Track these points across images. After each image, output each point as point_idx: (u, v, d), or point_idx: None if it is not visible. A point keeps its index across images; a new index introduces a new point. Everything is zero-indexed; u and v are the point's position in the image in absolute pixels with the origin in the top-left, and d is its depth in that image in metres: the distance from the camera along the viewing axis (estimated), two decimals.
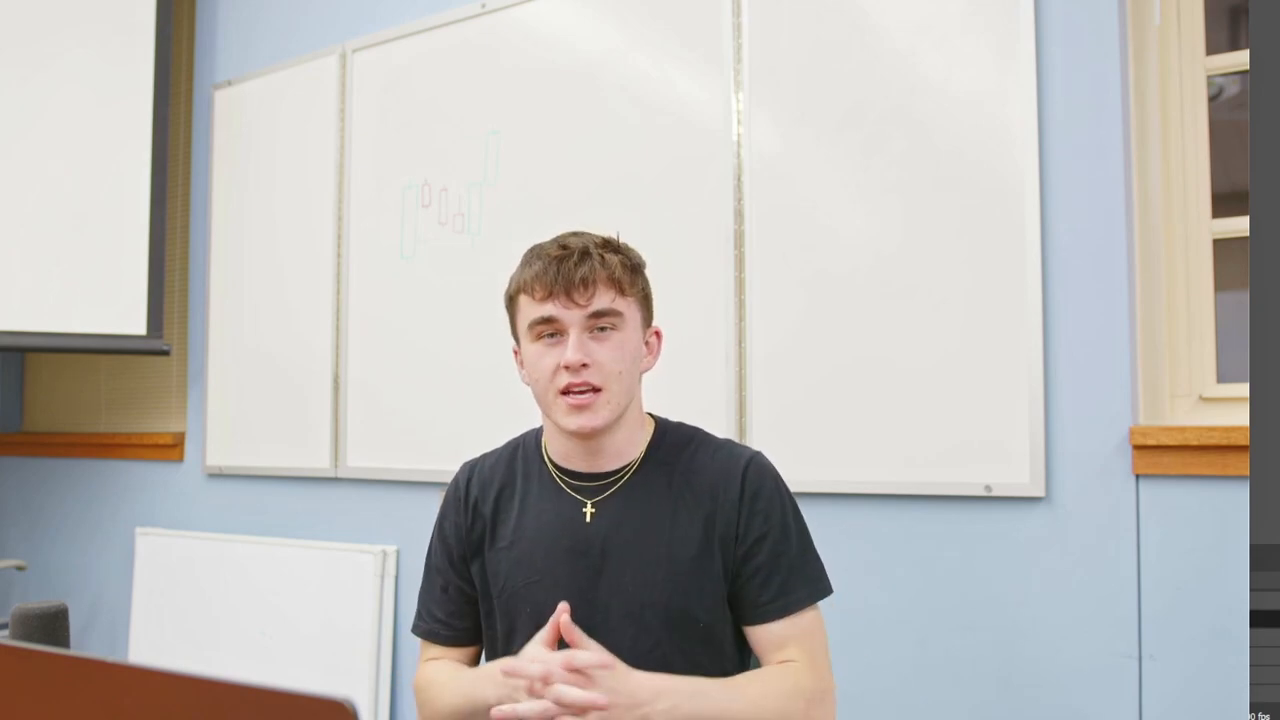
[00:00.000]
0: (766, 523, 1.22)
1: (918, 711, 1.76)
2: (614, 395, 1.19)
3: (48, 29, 2.63)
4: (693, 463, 1.25)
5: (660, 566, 1.20)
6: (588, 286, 1.17)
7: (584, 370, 1.17)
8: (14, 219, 2.59)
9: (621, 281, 1.20)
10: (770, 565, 1.21)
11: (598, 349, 1.18)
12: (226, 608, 2.59)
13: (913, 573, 1.77)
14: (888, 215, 1.81)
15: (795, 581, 1.22)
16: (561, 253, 1.19)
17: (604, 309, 1.19)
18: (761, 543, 1.21)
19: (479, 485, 1.31)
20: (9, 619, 1.35)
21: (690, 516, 1.22)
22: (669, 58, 2.06)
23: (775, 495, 1.24)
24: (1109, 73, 1.66)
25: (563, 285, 1.17)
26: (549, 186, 2.19)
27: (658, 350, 1.29)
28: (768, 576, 1.21)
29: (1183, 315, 1.68)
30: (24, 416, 3.38)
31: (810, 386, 1.86)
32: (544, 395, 1.21)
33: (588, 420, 1.18)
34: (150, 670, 0.64)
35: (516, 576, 1.25)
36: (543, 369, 1.20)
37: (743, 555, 1.21)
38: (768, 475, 1.25)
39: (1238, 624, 1.51)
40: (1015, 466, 1.68)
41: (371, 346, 2.46)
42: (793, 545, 1.23)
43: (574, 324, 1.18)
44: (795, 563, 1.22)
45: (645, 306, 1.26)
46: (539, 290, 1.18)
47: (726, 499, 1.22)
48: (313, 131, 2.60)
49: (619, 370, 1.19)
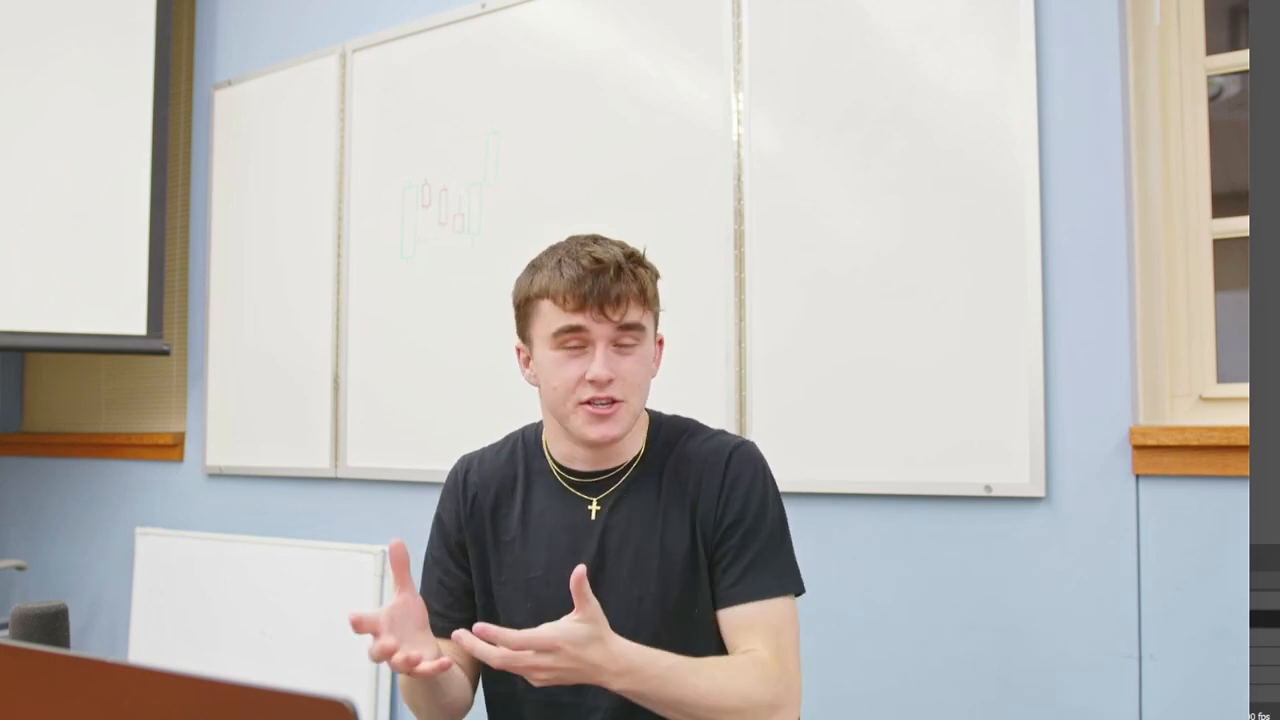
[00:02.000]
0: (744, 509, 1.22)
1: (918, 711, 1.76)
2: (633, 406, 1.22)
3: (48, 29, 2.63)
4: (683, 453, 1.27)
5: (655, 560, 1.22)
6: (621, 303, 1.18)
7: (609, 385, 1.19)
8: (14, 219, 2.59)
9: (647, 296, 1.22)
10: (739, 548, 1.21)
11: (622, 363, 1.20)
12: (226, 608, 2.59)
13: (913, 573, 1.77)
14: (888, 215, 1.81)
15: (764, 570, 1.21)
16: (597, 266, 1.19)
17: (632, 323, 1.20)
18: (736, 527, 1.22)
19: (478, 479, 1.32)
20: (9, 619, 1.35)
21: (680, 508, 1.23)
22: (669, 58, 2.06)
23: (756, 482, 1.24)
24: (1109, 73, 1.66)
25: (597, 299, 1.17)
26: (549, 186, 2.19)
27: (660, 356, 1.31)
28: (735, 558, 1.21)
29: (1183, 315, 1.68)
30: (24, 416, 3.38)
31: (810, 386, 1.86)
32: (561, 404, 1.22)
33: (609, 430, 1.20)
34: (150, 670, 0.64)
35: (518, 573, 1.25)
36: (564, 378, 1.20)
37: (719, 539, 1.22)
38: (751, 462, 1.25)
39: (1238, 624, 1.51)
40: (1015, 466, 1.68)
41: (371, 346, 2.46)
42: (765, 533, 1.22)
43: (602, 338, 1.19)
44: (766, 551, 1.22)
45: (658, 314, 1.28)
46: (571, 301, 1.18)
47: (709, 485, 1.23)
48: (313, 131, 2.60)
49: (639, 383, 1.22)
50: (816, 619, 1.27)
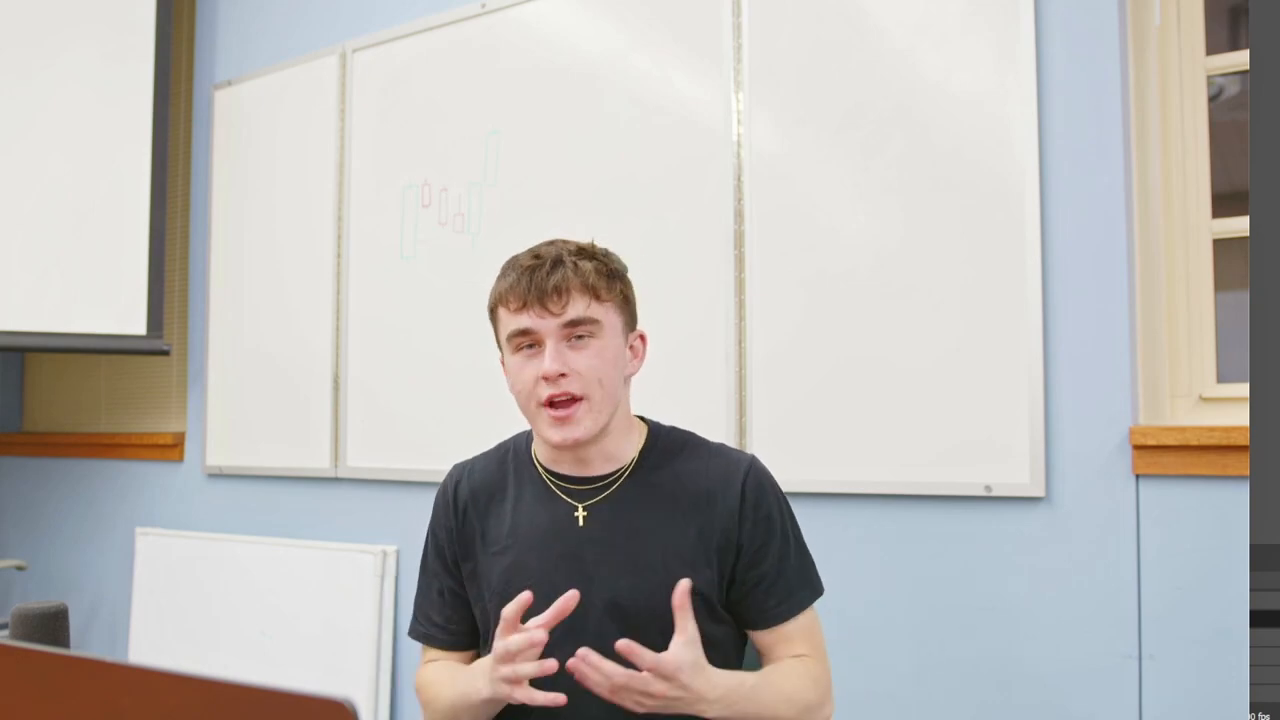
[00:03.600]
0: (770, 532, 1.23)
1: (918, 711, 1.76)
2: (596, 404, 1.19)
3: (48, 28, 2.63)
4: (686, 468, 1.25)
5: (653, 572, 1.20)
6: (561, 295, 1.16)
7: (563, 380, 1.17)
8: (14, 219, 2.59)
9: (597, 287, 1.19)
10: (775, 573, 1.22)
11: (575, 357, 1.18)
12: (226, 608, 2.59)
13: (913, 573, 1.77)
14: (888, 215, 1.81)
15: (798, 585, 1.24)
16: (534, 262, 1.18)
17: (579, 317, 1.18)
18: (764, 551, 1.22)
19: (469, 488, 1.31)
20: (9, 619, 1.35)
21: (684, 523, 1.22)
22: (669, 58, 2.06)
23: (775, 503, 1.25)
24: (1109, 73, 1.66)
25: (536, 295, 1.16)
26: (549, 186, 2.19)
27: (643, 354, 1.29)
28: (773, 584, 1.22)
29: (1183, 315, 1.68)
30: (24, 416, 3.38)
31: (810, 386, 1.86)
32: (527, 407, 1.21)
33: (569, 432, 1.18)
34: (150, 670, 0.64)
35: (508, 580, 1.24)
36: (524, 380, 1.20)
37: (746, 564, 1.22)
38: (766, 482, 1.26)
39: (1238, 624, 1.51)
40: (1015, 466, 1.68)
41: (371, 346, 2.46)
42: (793, 551, 1.25)
43: (550, 334, 1.17)
44: (796, 568, 1.25)
45: (626, 310, 1.25)
46: (513, 301, 1.18)
47: (725, 507, 1.22)
48: (313, 131, 2.60)
49: (598, 378, 1.19)
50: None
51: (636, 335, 1.28)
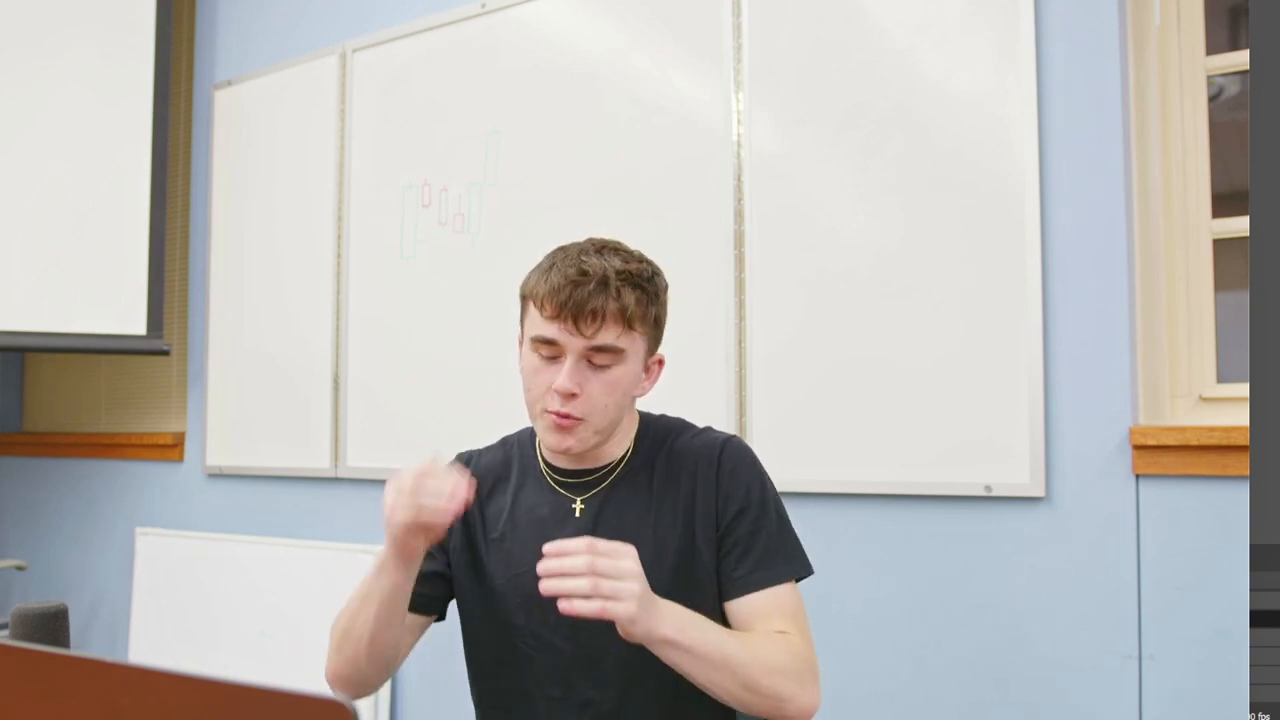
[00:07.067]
0: (746, 497, 1.22)
1: (917, 711, 1.76)
2: (596, 426, 1.20)
3: (48, 29, 2.63)
4: (673, 451, 1.26)
5: (649, 560, 1.20)
6: (595, 319, 1.15)
7: (572, 400, 1.17)
8: (14, 219, 2.59)
9: (633, 319, 1.18)
10: (749, 538, 1.21)
11: (591, 380, 1.18)
12: (226, 608, 2.59)
13: (913, 573, 1.77)
14: (888, 215, 1.81)
15: (775, 555, 1.21)
16: (580, 278, 1.16)
17: (606, 345, 1.17)
18: (740, 516, 1.21)
19: (474, 471, 1.32)
20: (9, 619, 1.35)
21: (674, 506, 1.23)
22: (669, 58, 2.06)
23: (752, 471, 1.24)
24: (1109, 73, 1.66)
25: (571, 311, 1.15)
26: (549, 186, 2.19)
27: (657, 377, 1.28)
28: (746, 549, 1.20)
29: (1183, 315, 1.68)
30: (24, 416, 3.38)
31: (810, 386, 1.86)
32: (531, 406, 1.22)
33: (565, 442, 1.19)
34: (150, 670, 0.64)
35: (506, 568, 1.25)
36: (536, 384, 1.20)
37: (723, 530, 1.22)
38: (744, 455, 1.26)
39: (1238, 624, 1.51)
40: (1015, 466, 1.68)
41: (371, 346, 2.46)
42: (771, 520, 1.23)
43: (573, 351, 1.17)
44: (774, 537, 1.22)
45: (654, 336, 1.24)
46: (549, 308, 1.17)
47: (704, 478, 1.23)
48: (313, 131, 2.60)
49: (606, 404, 1.19)
50: (816, 619, 1.26)
51: (655, 359, 1.27)
